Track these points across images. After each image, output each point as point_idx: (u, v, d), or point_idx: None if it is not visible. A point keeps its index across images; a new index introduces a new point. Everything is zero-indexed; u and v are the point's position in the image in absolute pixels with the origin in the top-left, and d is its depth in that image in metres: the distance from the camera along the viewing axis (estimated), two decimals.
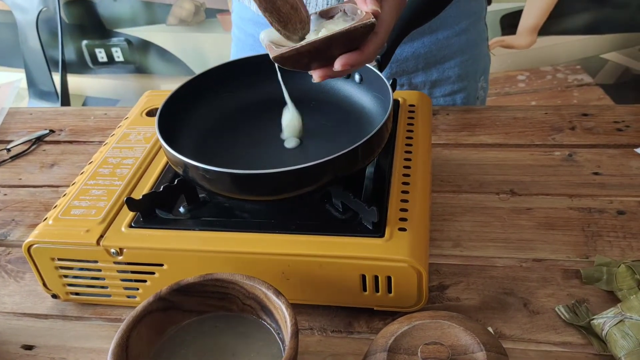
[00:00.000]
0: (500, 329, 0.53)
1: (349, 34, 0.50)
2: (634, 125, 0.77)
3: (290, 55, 0.50)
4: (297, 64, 0.51)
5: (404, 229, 0.52)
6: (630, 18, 1.78)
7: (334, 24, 0.54)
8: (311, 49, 0.50)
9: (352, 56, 0.51)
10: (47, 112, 0.95)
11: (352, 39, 0.50)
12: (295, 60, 0.51)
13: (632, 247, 0.59)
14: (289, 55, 0.50)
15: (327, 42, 0.50)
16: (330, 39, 0.50)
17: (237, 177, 0.51)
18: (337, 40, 0.50)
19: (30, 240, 0.55)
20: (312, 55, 0.50)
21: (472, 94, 0.90)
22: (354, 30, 0.49)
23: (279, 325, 0.47)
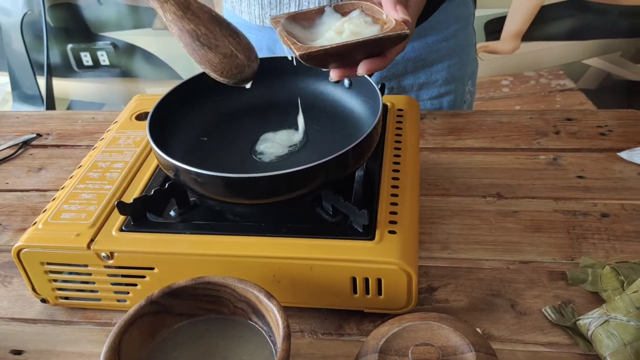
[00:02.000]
0: (488, 330, 0.54)
1: (381, 42, 0.50)
2: (617, 129, 0.79)
3: (317, 55, 0.50)
4: (321, 62, 0.52)
5: (394, 232, 0.52)
6: (612, 24, 1.81)
7: (355, 24, 0.54)
8: (340, 51, 0.50)
9: (375, 63, 0.51)
10: (34, 116, 0.94)
11: (380, 46, 0.51)
12: (320, 59, 0.51)
13: (615, 249, 0.61)
14: (316, 54, 0.50)
15: (357, 46, 0.50)
16: (361, 44, 0.50)
17: (228, 181, 0.51)
18: (367, 45, 0.50)
19: (20, 244, 0.54)
20: (338, 56, 0.50)
21: (460, 97, 0.91)
22: (387, 39, 0.50)
23: (270, 328, 0.47)
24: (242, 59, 0.55)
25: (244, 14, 0.86)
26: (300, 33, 0.55)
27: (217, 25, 0.54)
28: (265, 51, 0.86)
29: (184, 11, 0.53)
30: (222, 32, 0.54)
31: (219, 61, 0.54)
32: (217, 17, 0.55)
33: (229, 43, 0.54)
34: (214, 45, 0.53)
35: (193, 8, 0.54)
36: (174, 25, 0.54)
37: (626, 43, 1.85)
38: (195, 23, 0.53)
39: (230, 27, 0.55)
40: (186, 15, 0.53)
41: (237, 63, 0.54)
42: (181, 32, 0.54)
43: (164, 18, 0.54)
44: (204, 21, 0.53)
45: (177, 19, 0.53)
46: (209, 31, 0.53)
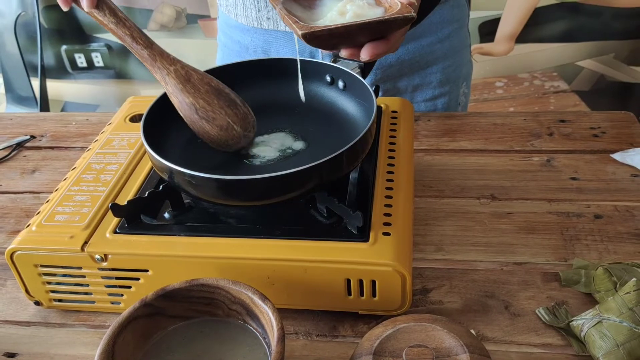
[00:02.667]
0: (482, 331, 0.54)
1: (387, 24, 0.49)
2: (610, 131, 0.79)
3: (321, 35, 0.49)
4: (323, 43, 0.51)
5: (388, 234, 0.52)
6: (605, 26, 1.82)
7: (358, 6, 0.53)
8: (344, 32, 0.49)
9: (379, 46, 0.51)
10: (28, 118, 0.94)
11: (385, 29, 0.50)
12: (323, 40, 0.50)
13: (608, 250, 0.61)
14: (320, 34, 0.49)
15: (362, 27, 0.49)
16: (366, 25, 0.49)
17: (222, 183, 0.51)
18: (371, 27, 0.49)
19: (13, 247, 0.54)
20: (341, 37, 0.50)
21: (454, 99, 0.91)
22: (393, 21, 0.49)
23: (265, 329, 0.47)
24: (239, 131, 0.57)
25: (239, 17, 0.86)
26: (300, 13, 0.55)
27: (216, 97, 0.57)
28: (260, 53, 0.86)
29: (184, 84, 0.56)
30: (220, 104, 0.57)
31: (216, 133, 0.57)
32: (216, 88, 0.57)
33: (226, 115, 0.56)
34: (212, 118, 0.56)
35: (193, 80, 0.56)
36: (175, 97, 0.56)
37: (619, 45, 1.86)
38: (195, 96, 0.56)
39: (229, 98, 0.58)
40: (186, 88, 0.56)
41: (233, 135, 0.57)
42: (181, 105, 0.56)
43: (165, 88, 0.57)
44: (202, 94, 0.56)
45: (177, 92, 0.56)
46: (207, 104, 0.56)
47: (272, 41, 0.84)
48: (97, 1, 0.53)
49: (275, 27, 0.83)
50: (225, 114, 0.56)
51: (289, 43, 0.83)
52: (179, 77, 0.56)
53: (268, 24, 0.83)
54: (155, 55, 0.56)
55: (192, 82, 0.56)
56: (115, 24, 0.54)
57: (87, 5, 0.53)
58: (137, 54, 0.56)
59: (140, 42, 0.55)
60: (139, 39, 0.55)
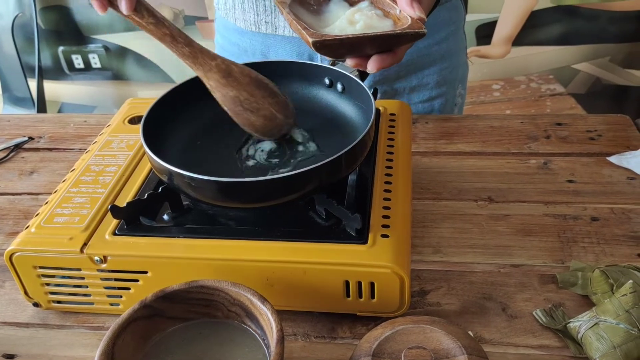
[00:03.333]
0: (480, 333, 0.54)
1: (398, 38, 0.49)
2: (606, 134, 0.80)
3: (331, 44, 0.50)
4: (332, 51, 0.51)
5: (387, 236, 0.53)
6: (600, 30, 1.83)
7: (367, 16, 0.53)
8: (354, 42, 0.49)
9: (387, 59, 0.52)
10: (26, 119, 0.94)
11: (395, 42, 0.50)
12: (333, 48, 0.51)
13: (605, 252, 0.61)
14: (330, 43, 0.50)
15: (373, 39, 0.49)
16: (377, 38, 0.49)
17: (222, 185, 0.51)
18: (382, 40, 0.50)
19: (13, 248, 0.54)
20: (351, 47, 0.50)
21: (450, 100, 0.92)
22: (404, 36, 0.49)
23: (264, 331, 0.48)
24: (282, 119, 0.58)
25: (237, 21, 0.86)
26: (307, 18, 0.55)
27: (257, 88, 0.57)
28: (258, 55, 0.86)
29: (227, 77, 0.56)
30: (262, 94, 0.57)
31: (261, 123, 0.57)
32: (256, 79, 0.57)
33: (269, 105, 0.57)
34: (256, 109, 0.56)
35: (235, 74, 0.56)
36: (217, 92, 0.56)
37: (615, 48, 1.87)
38: (238, 89, 0.56)
39: (269, 88, 0.58)
40: (228, 82, 0.56)
41: (277, 123, 0.58)
42: (224, 98, 0.56)
43: (207, 85, 0.56)
44: (245, 86, 0.56)
45: (220, 86, 0.56)
46: (251, 95, 0.56)
47: (270, 44, 0.85)
48: (135, 3, 0.52)
49: (274, 32, 0.83)
50: (268, 104, 0.57)
51: (287, 45, 0.84)
52: (221, 71, 0.55)
53: (267, 28, 0.83)
54: (196, 52, 0.55)
55: (234, 76, 0.56)
56: (154, 25, 0.53)
57: (126, 9, 0.52)
58: (178, 52, 0.55)
59: (181, 41, 0.54)
60: (179, 37, 0.54)
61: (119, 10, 0.52)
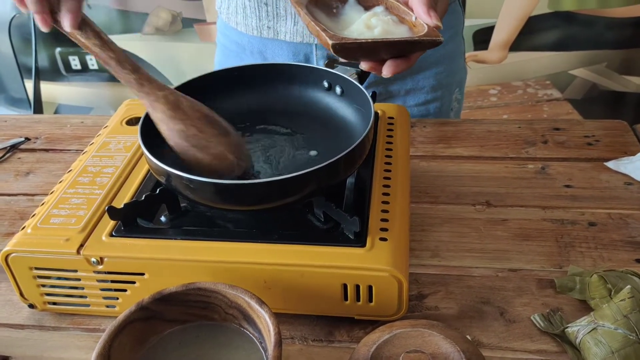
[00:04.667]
0: (478, 337, 0.54)
1: (415, 45, 0.50)
2: (604, 139, 0.80)
3: (351, 47, 0.50)
4: (349, 54, 0.52)
5: (385, 239, 0.53)
6: (597, 36, 1.84)
7: (384, 21, 0.54)
8: (372, 46, 0.50)
9: (401, 65, 0.52)
10: (22, 120, 0.94)
11: (411, 48, 0.51)
12: (351, 52, 0.51)
13: (603, 257, 0.61)
14: (350, 46, 0.50)
15: (390, 45, 0.50)
16: (395, 44, 0.50)
17: (220, 187, 0.51)
18: (399, 45, 0.50)
19: (8, 249, 0.54)
20: (368, 51, 0.51)
21: (447, 105, 0.92)
22: (420, 43, 0.50)
23: (261, 334, 0.47)
24: (232, 159, 0.54)
25: (239, 26, 0.86)
26: (323, 20, 0.56)
27: (208, 124, 0.53)
28: (256, 54, 0.86)
29: (174, 110, 0.52)
30: (213, 131, 0.53)
31: (209, 162, 0.53)
32: (208, 116, 0.54)
33: (219, 143, 0.53)
34: (204, 146, 0.52)
35: (184, 107, 0.53)
36: (164, 124, 0.52)
37: (612, 54, 1.87)
38: (185, 123, 0.52)
39: (222, 126, 0.54)
40: (176, 114, 0.52)
41: (226, 164, 0.54)
42: (170, 132, 0.52)
43: (153, 115, 0.53)
44: (194, 120, 0.52)
45: (166, 119, 0.52)
46: (199, 131, 0.52)
47: (268, 44, 0.84)
48: (80, 22, 0.49)
49: (275, 37, 0.83)
50: (218, 142, 0.53)
51: (284, 46, 0.84)
52: (169, 103, 0.52)
53: (268, 33, 0.83)
54: (143, 80, 0.52)
55: (183, 109, 0.52)
56: (99, 47, 0.50)
57: (69, 26, 0.49)
58: (123, 79, 0.51)
59: (127, 67, 0.51)
60: (126, 62, 0.51)
61: (61, 27, 0.50)
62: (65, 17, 0.49)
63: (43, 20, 0.49)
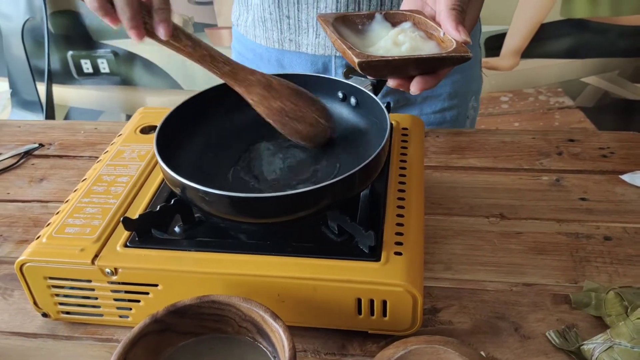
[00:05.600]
0: (492, 353, 0.53)
1: (443, 61, 0.50)
2: (619, 152, 0.79)
3: (377, 65, 0.50)
4: (376, 72, 0.52)
5: (400, 253, 0.52)
6: (610, 44, 1.83)
7: (411, 38, 0.53)
8: (400, 63, 0.50)
9: (429, 82, 0.52)
10: (36, 125, 0.94)
11: (439, 65, 0.51)
12: (378, 69, 0.51)
13: (618, 272, 0.61)
14: (376, 64, 0.50)
15: (418, 62, 0.50)
16: (422, 61, 0.50)
17: (235, 200, 0.51)
18: (427, 62, 0.50)
19: (24, 258, 0.54)
20: (395, 68, 0.50)
21: (463, 113, 0.91)
22: (449, 59, 0.50)
23: (275, 348, 0.47)
24: (325, 124, 0.59)
25: (259, 39, 0.85)
26: (350, 37, 0.56)
27: (299, 97, 0.58)
28: (274, 62, 0.86)
29: (269, 90, 0.56)
30: (304, 102, 0.58)
31: (308, 131, 0.58)
32: (296, 89, 0.58)
33: (312, 112, 0.58)
34: (301, 117, 0.58)
35: (275, 86, 0.57)
36: (261, 105, 0.57)
37: (624, 62, 1.86)
38: (281, 100, 0.57)
39: (308, 96, 0.59)
40: (271, 94, 0.56)
41: (321, 129, 0.59)
42: (269, 111, 0.57)
43: (250, 101, 0.57)
44: (287, 96, 0.57)
45: (263, 100, 0.56)
46: (294, 105, 0.57)
47: (287, 53, 0.84)
48: (173, 30, 0.52)
49: (297, 49, 0.82)
50: (311, 111, 0.58)
51: (303, 55, 0.83)
52: (262, 85, 0.56)
53: (290, 45, 0.83)
54: (236, 69, 0.56)
55: (275, 88, 0.57)
56: (192, 47, 0.53)
57: (165, 36, 0.51)
58: (219, 72, 0.55)
59: (220, 60, 0.55)
60: (219, 57, 0.55)
61: (157, 37, 0.52)
62: (159, 27, 0.51)
63: (138, 34, 0.51)
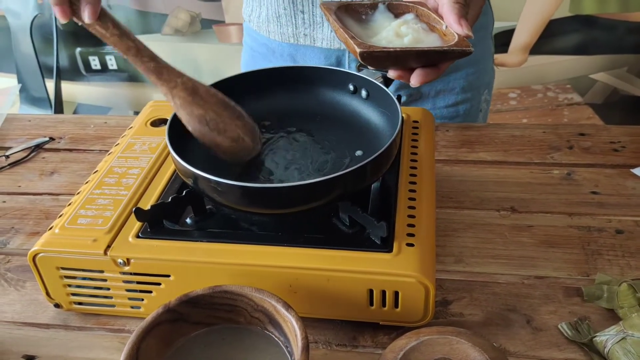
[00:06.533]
0: (504, 345, 0.53)
1: (444, 54, 0.50)
2: (630, 146, 0.79)
3: (379, 55, 0.50)
4: (377, 62, 0.51)
5: (412, 244, 0.52)
6: (618, 40, 1.82)
7: (413, 29, 0.53)
8: (401, 55, 0.50)
9: (430, 74, 0.52)
10: (46, 119, 0.95)
11: (441, 58, 0.51)
12: (379, 60, 0.51)
13: (630, 265, 0.60)
14: (378, 55, 0.50)
15: (420, 54, 0.50)
16: (424, 53, 0.50)
17: (247, 190, 0.51)
18: (429, 54, 0.50)
19: (36, 249, 0.54)
20: (397, 59, 0.50)
21: (476, 106, 0.91)
22: (451, 53, 0.50)
23: (287, 338, 0.47)
24: (249, 142, 0.56)
25: (272, 34, 0.85)
26: (352, 26, 0.55)
27: (224, 108, 0.55)
28: (286, 57, 0.86)
29: (193, 96, 0.54)
30: (229, 115, 0.55)
31: (228, 145, 0.55)
32: (223, 100, 0.56)
33: (236, 127, 0.55)
34: (223, 129, 0.55)
35: (201, 92, 0.54)
36: (183, 110, 0.54)
37: (633, 58, 1.85)
38: (204, 108, 0.54)
39: (236, 110, 0.56)
40: (195, 100, 0.54)
41: (244, 146, 0.56)
42: (190, 117, 0.54)
43: (172, 103, 0.54)
44: (211, 105, 0.54)
45: (186, 104, 0.54)
46: (217, 115, 0.54)
47: (300, 48, 0.84)
48: (100, 14, 0.50)
49: (312, 44, 0.82)
50: (235, 126, 0.55)
51: (316, 49, 0.83)
52: (187, 89, 0.54)
53: (305, 40, 0.82)
54: (161, 68, 0.53)
55: (200, 95, 0.54)
56: (118, 37, 0.51)
57: (89, 18, 0.49)
58: (142, 67, 0.53)
59: (145, 55, 0.53)
60: (144, 51, 0.53)
61: (81, 19, 0.50)
62: (85, 9, 0.50)
63: (62, 12, 0.49)
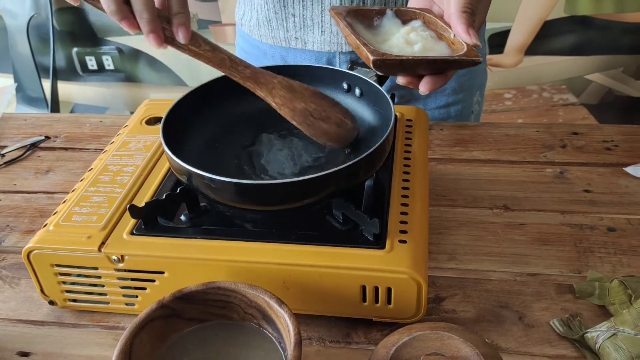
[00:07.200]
0: (496, 341, 0.54)
1: (453, 63, 0.50)
2: (623, 145, 0.79)
3: (391, 63, 0.50)
4: (388, 69, 0.52)
5: (404, 241, 0.53)
6: (613, 41, 1.83)
7: (422, 37, 0.54)
8: (412, 63, 0.50)
9: (438, 82, 0.52)
10: (42, 118, 0.95)
11: (449, 66, 0.51)
12: (391, 67, 0.51)
13: (622, 263, 0.61)
14: (391, 62, 0.50)
15: (430, 62, 0.50)
16: (434, 62, 0.50)
17: (241, 187, 0.51)
18: (438, 63, 0.51)
19: (31, 246, 0.54)
20: (408, 67, 0.51)
21: (467, 107, 0.91)
22: (460, 62, 0.50)
23: (280, 334, 0.47)
24: (350, 124, 0.59)
25: (264, 37, 0.86)
26: (362, 32, 0.56)
27: (321, 98, 0.58)
28: (278, 58, 0.86)
29: (291, 92, 0.56)
30: (327, 103, 0.58)
31: (335, 131, 0.58)
32: (316, 91, 0.58)
33: (337, 112, 0.58)
34: (327, 117, 0.57)
35: (296, 88, 0.57)
36: (285, 107, 0.57)
37: (628, 59, 1.86)
38: (305, 101, 0.57)
39: (329, 98, 0.59)
40: (294, 96, 0.56)
41: (348, 129, 0.59)
42: (294, 112, 0.57)
43: (273, 104, 0.57)
44: (309, 97, 0.57)
45: (287, 101, 0.56)
46: (318, 106, 0.57)
47: (291, 50, 0.85)
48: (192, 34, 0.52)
49: (303, 47, 0.83)
50: (335, 111, 0.58)
51: (307, 52, 0.84)
52: (284, 87, 0.56)
53: (296, 43, 0.83)
54: (257, 73, 0.56)
55: (297, 90, 0.57)
56: (211, 52, 0.53)
57: (184, 39, 0.51)
58: (239, 76, 0.55)
59: (241, 64, 0.55)
60: (238, 60, 0.55)
61: (176, 42, 0.52)
62: (178, 31, 0.51)
63: (157, 39, 0.51)
